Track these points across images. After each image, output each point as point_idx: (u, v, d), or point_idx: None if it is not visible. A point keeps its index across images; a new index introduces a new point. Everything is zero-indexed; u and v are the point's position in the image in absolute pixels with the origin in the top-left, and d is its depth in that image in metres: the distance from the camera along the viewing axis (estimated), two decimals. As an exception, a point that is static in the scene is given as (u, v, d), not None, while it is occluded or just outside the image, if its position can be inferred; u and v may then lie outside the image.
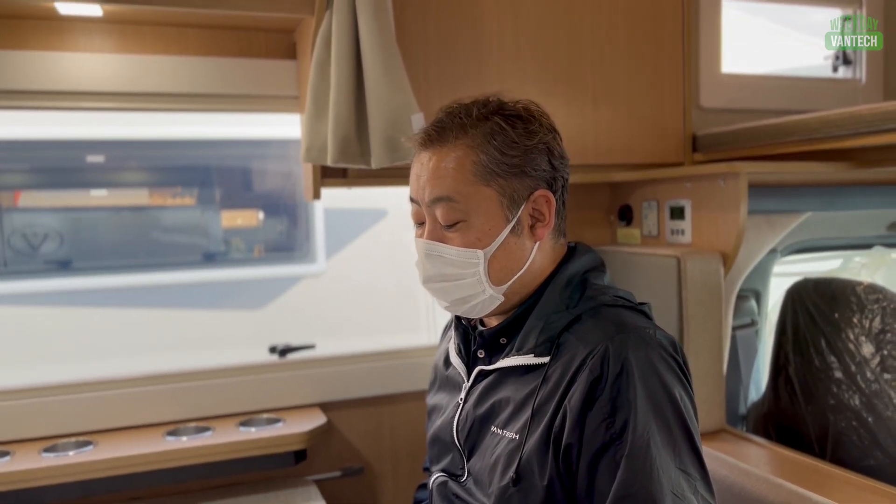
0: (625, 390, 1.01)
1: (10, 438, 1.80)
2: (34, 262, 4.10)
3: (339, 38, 1.59)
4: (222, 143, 4.24)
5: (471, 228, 1.11)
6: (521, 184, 1.12)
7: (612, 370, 1.02)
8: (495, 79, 1.87)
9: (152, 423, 1.90)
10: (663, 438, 1.00)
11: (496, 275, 1.13)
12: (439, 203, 1.12)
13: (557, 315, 1.12)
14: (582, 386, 1.03)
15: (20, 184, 4.24)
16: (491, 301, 1.15)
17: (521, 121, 1.14)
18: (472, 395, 1.21)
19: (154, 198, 4.42)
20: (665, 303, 1.72)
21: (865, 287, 1.89)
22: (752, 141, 1.89)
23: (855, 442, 1.83)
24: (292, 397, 2.00)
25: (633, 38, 2.01)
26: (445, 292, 1.16)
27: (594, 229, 2.13)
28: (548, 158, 1.14)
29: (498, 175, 1.10)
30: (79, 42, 1.80)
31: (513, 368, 1.15)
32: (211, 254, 4.36)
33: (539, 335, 1.12)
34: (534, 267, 1.16)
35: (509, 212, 1.12)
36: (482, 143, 1.11)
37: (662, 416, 1.01)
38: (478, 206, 1.11)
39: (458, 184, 1.10)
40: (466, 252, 1.12)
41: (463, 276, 1.13)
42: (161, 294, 4.15)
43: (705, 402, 1.72)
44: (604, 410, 1.01)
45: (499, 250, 1.12)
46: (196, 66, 1.87)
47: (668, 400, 1.02)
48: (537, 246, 1.15)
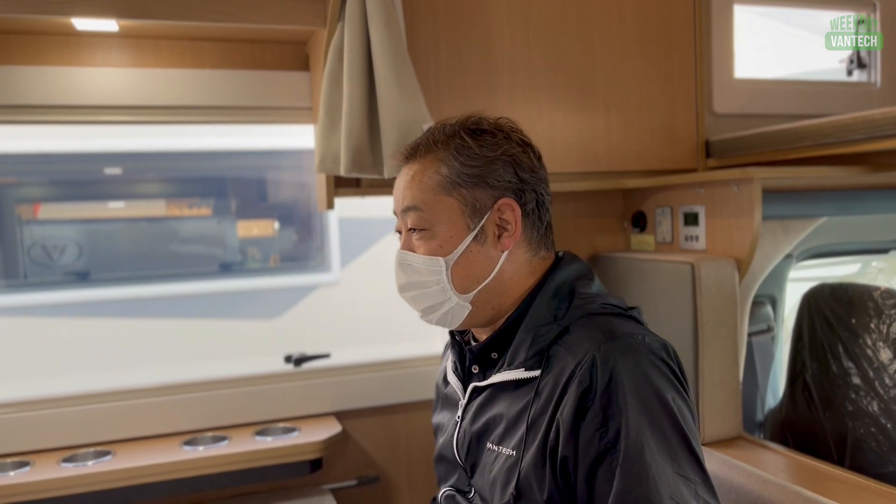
0: (615, 398, 1.00)
1: (29, 449, 1.83)
2: (53, 273, 4.14)
3: (351, 50, 1.60)
4: (237, 154, 4.28)
5: (434, 237, 1.16)
6: (484, 193, 1.15)
7: (602, 379, 1.01)
8: (507, 88, 1.88)
9: (170, 432, 1.92)
10: (658, 444, 0.99)
11: (460, 283, 1.15)
12: (409, 212, 1.17)
13: (546, 327, 1.13)
14: (573, 398, 1.03)
15: (40, 196, 4.30)
16: (460, 309, 1.17)
17: (487, 134, 1.18)
18: (468, 412, 1.21)
19: (171, 209, 4.46)
20: (680, 309, 1.71)
21: (882, 292, 1.87)
22: (766, 146, 1.88)
23: (874, 448, 1.81)
24: (308, 406, 2.01)
25: (644, 45, 2.01)
26: (416, 300, 1.20)
27: (608, 236, 2.12)
28: (513, 170, 1.16)
29: (459, 185, 1.15)
30: (95, 57, 1.83)
31: (506, 383, 1.15)
32: (227, 264, 4.39)
33: (529, 349, 1.12)
34: (504, 277, 1.17)
35: (471, 220, 1.15)
36: (446, 156, 1.16)
37: (656, 422, 1.00)
38: (440, 215, 1.15)
39: (424, 194, 1.16)
40: (429, 260, 1.15)
41: (428, 284, 1.16)
42: (178, 304, 4.18)
43: (721, 410, 1.71)
44: (596, 420, 1.01)
45: (461, 258, 1.15)
46: (211, 79, 1.89)
47: (660, 405, 1.01)
48: (505, 256, 1.16)
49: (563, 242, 2.06)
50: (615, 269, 1.96)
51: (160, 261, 4.29)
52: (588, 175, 1.99)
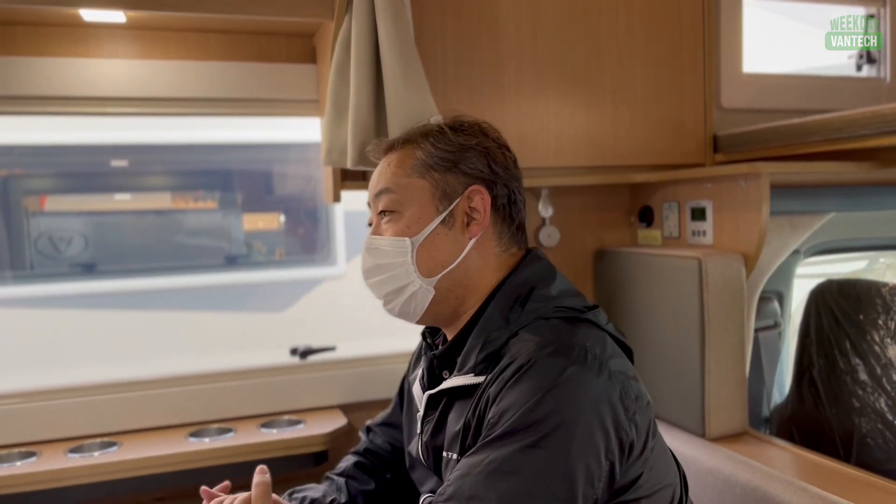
0: (515, 389, 0.97)
1: (36, 439, 1.84)
2: (59, 265, 4.16)
3: (358, 42, 1.60)
4: (243, 147, 4.28)
5: (402, 218, 1.16)
6: (455, 179, 1.16)
7: (527, 380, 0.98)
8: (514, 82, 1.87)
9: (175, 424, 1.93)
10: (529, 439, 0.94)
11: (424, 265, 1.15)
12: (381, 196, 1.19)
13: (498, 331, 1.10)
14: (493, 396, 1.01)
15: (46, 188, 4.31)
16: (423, 294, 1.16)
17: (465, 126, 1.21)
18: (429, 422, 1.19)
19: (176, 202, 4.46)
20: (686, 305, 1.71)
21: (891, 288, 1.86)
22: (774, 141, 1.87)
23: (880, 445, 1.80)
24: (313, 399, 2.02)
25: (652, 39, 2.00)
26: (380, 285, 1.19)
27: (615, 231, 2.12)
28: (487, 161, 1.18)
29: (432, 168, 1.16)
30: (103, 48, 1.83)
31: (460, 390, 1.12)
32: (233, 257, 4.40)
33: (479, 353, 1.10)
34: (469, 267, 1.16)
35: (440, 203, 1.16)
36: (422, 142, 1.19)
37: (539, 428, 0.94)
38: (411, 197, 1.16)
39: (397, 177, 1.18)
40: (396, 241, 1.16)
41: (393, 266, 1.16)
42: (184, 297, 4.19)
43: (727, 405, 1.70)
44: (498, 409, 0.98)
45: (427, 240, 1.15)
46: (218, 71, 1.89)
47: (546, 413, 0.95)
48: (472, 243, 1.16)
49: (570, 237, 2.06)
50: (621, 264, 1.95)
51: (166, 253, 4.30)
52: (595, 169, 1.98)
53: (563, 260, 2.06)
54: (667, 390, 1.78)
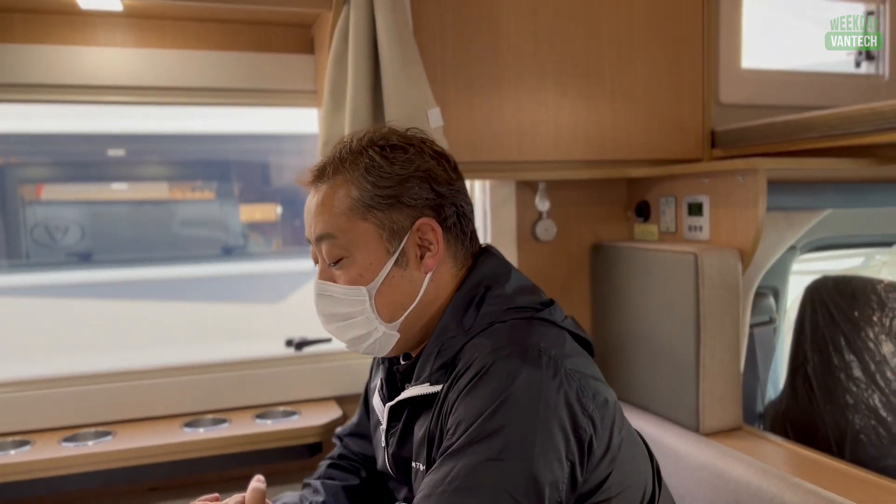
0: (471, 396, 0.96)
1: (30, 428, 1.83)
2: (56, 254, 4.15)
3: (356, 33, 1.59)
4: (241, 137, 4.27)
5: (353, 264, 1.09)
6: (400, 214, 1.09)
7: (474, 377, 0.97)
8: (512, 74, 1.87)
9: (170, 414, 1.93)
10: (488, 451, 0.92)
11: (385, 311, 1.10)
12: (323, 241, 1.11)
13: (452, 339, 1.07)
14: (452, 403, 0.99)
15: (43, 177, 4.29)
16: (387, 339, 1.12)
17: (398, 150, 1.11)
18: (393, 434, 1.17)
19: (174, 192, 4.46)
20: (682, 299, 1.71)
21: (886, 285, 1.87)
22: (772, 137, 1.87)
23: (874, 441, 1.81)
24: (308, 390, 2.02)
25: (652, 33, 1.99)
26: (342, 332, 1.14)
27: (611, 226, 2.12)
28: (430, 186, 1.10)
29: (374, 208, 1.08)
30: (99, 36, 1.82)
31: (419, 400, 1.09)
32: (230, 247, 4.40)
33: (434, 362, 1.07)
34: (430, 298, 1.12)
35: (390, 244, 1.09)
36: (356, 177, 1.09)
37: (498, 439, 0.92)
38: (357, 241, 1.08)
39: (337, 220, 1.09)
40: (351, 290, 1.09)
41: (353, 315, 1.10)
42: (181, 287, 4.19)
43: (722, 400, 1.70)
44: (455, 418, 0.96)
45: (384, 285, 1.09)
46: (215, 61, 1.88)
47: (504, 422, 0.93)
48: (429, 277, 1.11)
49: (566, 231, 2.06)
50: (618, 259, 1.95)
51: (163, 244, 4.30)
52: (592, 163, 1.98)
53: (560, 254, 2.06)
54: (661, 385, 1.79)
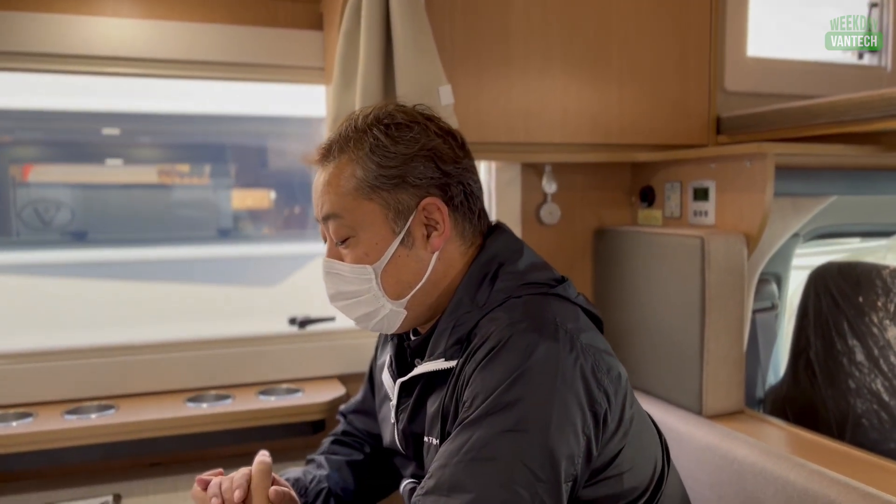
0: (488, 369, 0.96)
1: (33, 400, 1.82)
2: (47, 234, 4.11)
3: (369, 9, 1.58)
4: (238, 118, 4.24)
5: (359, 244, 1.10)
6: (406, 194, 1.09)
7: (491, 350, 0.97)
8: (521, 55, 1.86)
9: (173, 389, 1.92)
10: (505, 422, 0.92)
11: (392, 289, 1.11)
12: (329, 220, 1.12)
13: (467, 314, 1.07)
14: (468, 377, 0.99)
15: (34, 157, 4.24)
16: (395, 315, 1.13)
17: (403, 128, 1.11)
18: (404, 410, 1.17)
19: (167, 176, 4.42)
20: (687, 283, 1.72)
21: (892, 271, 1.88)
22: (778, 123, 1.87)
23: (875, 425, 1.83)
24: (312, 368, 2.01)
25: (660, 19, 1.99)
26: (349, 309, 1.15)
27: (615, 210, 2.12)
28: (435, 165, 1.10)
29: (379, 188, 1.08)
30: (105, 6, 1.80)
31: (433, 375, 1.10)
32: (226, 230, 4.38)
33: (449, 337, 1.07)
34: (438, 277, 1.12)
35: (395, 224, 1.09)
36: (361, 156, 1.09)
37: (515, 410, 0.92)
38: (363, 221, 1.09)
39: (342, 199, 1.09)
40: (357, 268, 1.10)
41: (360, 293, 1.11)
42: (178, 269, 4.17)
43: (725, 384, 1.72)
44: (472, 391, 0.97)
45: (390, 264, 1.10)
46: (222, 34, 1.86)
47: (522, 394, 0.93)
48: (436, 256, 1.11)
49: (570, 214, 2.07)
50: (622, 243, 1.96)
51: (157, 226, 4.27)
52: (598, 147, 1.98)
53: (564, 237, 2.06)
54: (664, 368, 1.79)
